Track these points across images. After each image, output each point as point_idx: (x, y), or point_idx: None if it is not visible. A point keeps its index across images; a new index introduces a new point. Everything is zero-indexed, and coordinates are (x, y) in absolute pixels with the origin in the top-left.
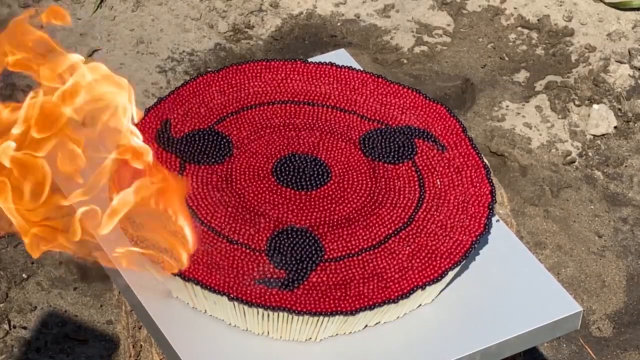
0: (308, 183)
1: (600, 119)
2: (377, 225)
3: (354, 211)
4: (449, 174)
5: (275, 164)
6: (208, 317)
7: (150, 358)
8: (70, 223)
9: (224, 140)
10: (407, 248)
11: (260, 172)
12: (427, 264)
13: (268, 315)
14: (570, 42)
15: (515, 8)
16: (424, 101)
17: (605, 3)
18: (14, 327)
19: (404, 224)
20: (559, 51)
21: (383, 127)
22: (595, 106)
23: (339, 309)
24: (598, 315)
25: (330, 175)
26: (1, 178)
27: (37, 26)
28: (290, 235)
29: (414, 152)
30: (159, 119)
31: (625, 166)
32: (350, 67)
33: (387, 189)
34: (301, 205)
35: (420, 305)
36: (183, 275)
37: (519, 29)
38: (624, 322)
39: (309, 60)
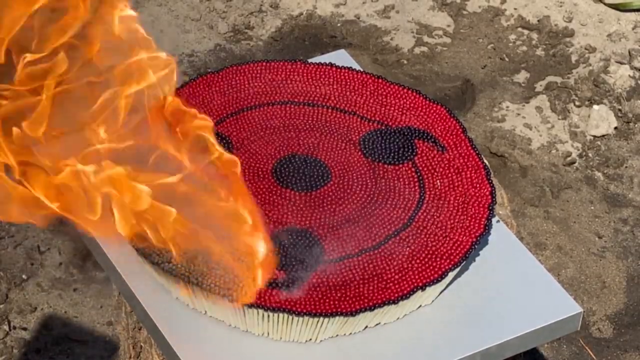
0: (308, 184)
1: (601, 120)
2: (377, 226)
3: (353, 212)
4: (449, 175)
5: (275, 164)
6: (208, 318)
7: (150, 359)
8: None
9: (224, 141)
10: (407, 249)
11: (260, 172)
12: (427, 265)
13: (268, 316)
14: (570, 42)
15: (515, 9)
16: (424, 102)
17: (605, 4)
18: (14, 328)
19: (403, 225)
20: (559, 52)
21: (383, 127)
22: (595, 107)
23: (338, 309)
24: (598, 316)
25: (330, 176)
26: None
27: None
28: (290, 236)
29: (414, 153)
30: None
31: (626, 167)
32: (350, 67)
33: (387, 189)
34: (301, 206)
35: (420, 306)
36: (184, 277)
37: (519, 29)
38: (624, 323)
39: (309, 61)
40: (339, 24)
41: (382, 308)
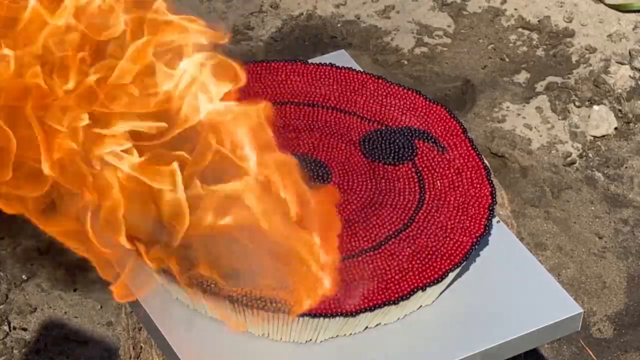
0: (308, 184)
1: (601, 120)
2: (377, 226)
3: (354, 212)
4: (449, 175)
5: None
6: (208, 319)
7: (150, 359)
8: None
9: None
10: (408, 249)
11: None
12: (427, 265)
13: (268, 316)
14: (570, 43)
15: (515, 9)
16: (424, 102)
17: (605, 4)
18: (14, 328)
19: (404, 225)
20: (559, 52)
21: (383, 128)
22: (595, 107)
23: (339, 310)
24: (598, 317)
25: (330, 176)
26: None
27: None
28: None
29: (414, 153)
30: None
31: (626, 167)
32: (351, 68)
33: (387, 190)
34: None
35: (420, 306)
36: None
37: (520, 30)
38: (625, 323)
39: (309, 61)
40: (339, 25)
41: (383, 309)
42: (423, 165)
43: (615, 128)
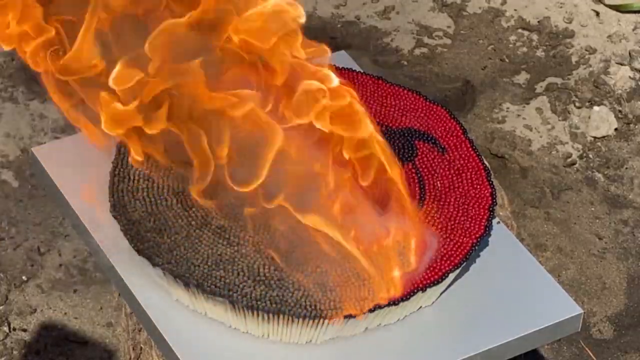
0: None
1: (601, 121)
2: None
3: None
4: (450, 176)
5: None
6: (208, 320)
7: None
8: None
9: None
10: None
11: None
12: (427, 266)
13: (268, 317)
14: (570, 43)
15: (515, 10)
16: (424, 103)
17: (605, 5)
18: (14, 329)
19: None
20: (559, 53)
21: (383, 129)
22: (595, 108)
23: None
24: (599, 318)
25: None
26: None
27: None
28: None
29: (414, 154)
30: None
31: (626, 168)
32: (351, 69)
33: None
34: None
35: (420, 307)
36: (184, 278)
37: (520, 30)
38: (625, 324)
39: None
40: (339, 25)
41: (383, 309)
42: (423, 166)
43: (616, 129)
